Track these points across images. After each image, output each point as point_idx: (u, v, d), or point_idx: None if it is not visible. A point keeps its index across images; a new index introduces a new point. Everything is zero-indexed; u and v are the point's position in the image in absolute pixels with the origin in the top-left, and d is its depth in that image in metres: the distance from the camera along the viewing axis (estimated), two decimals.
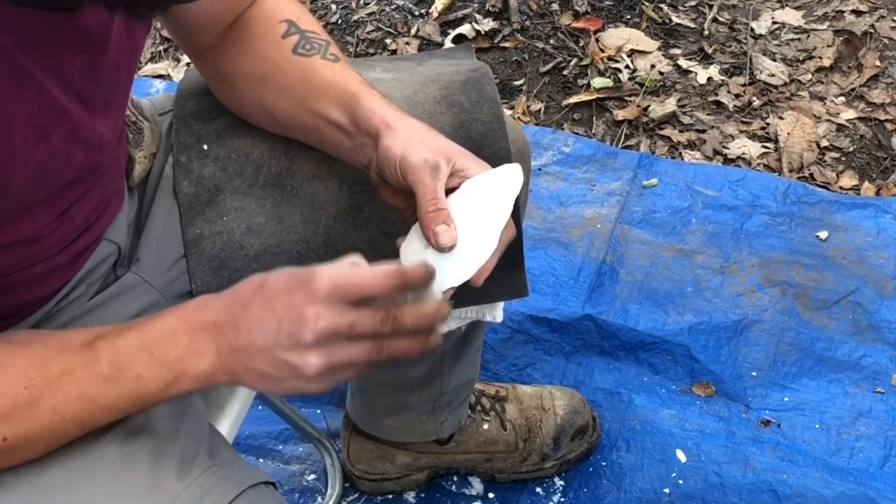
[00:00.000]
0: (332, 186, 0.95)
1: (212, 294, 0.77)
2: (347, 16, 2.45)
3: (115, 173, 0.91)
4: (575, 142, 2.03)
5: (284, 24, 0.95)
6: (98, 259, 0.92)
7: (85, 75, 0.75)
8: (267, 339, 0.72)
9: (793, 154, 2.03)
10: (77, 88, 0.74)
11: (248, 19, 0.95)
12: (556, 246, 1.79)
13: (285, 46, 0.94)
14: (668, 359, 1.62)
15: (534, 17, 2.40)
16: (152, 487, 0.76)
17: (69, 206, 0.82)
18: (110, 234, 0.93)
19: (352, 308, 0.72)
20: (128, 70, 0.84)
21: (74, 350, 0.75)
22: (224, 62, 0.96)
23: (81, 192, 0.84)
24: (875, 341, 1.63)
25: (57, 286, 0.88)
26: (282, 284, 0.73)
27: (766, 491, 1.43)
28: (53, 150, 0.74)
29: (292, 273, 0.73)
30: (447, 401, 1.32)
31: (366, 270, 0.73)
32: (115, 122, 0.85)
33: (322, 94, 0.90)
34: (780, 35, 2.33)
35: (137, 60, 0.87)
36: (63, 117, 0.74)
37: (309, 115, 0.91)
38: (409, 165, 0.81)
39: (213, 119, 1.00)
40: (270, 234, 0.94)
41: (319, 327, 0.71)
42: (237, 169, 0.97)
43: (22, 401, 0.73)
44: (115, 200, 0.93)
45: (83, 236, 0.88)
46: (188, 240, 0.95)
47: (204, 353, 0.74)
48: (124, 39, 0.80)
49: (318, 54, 0.93)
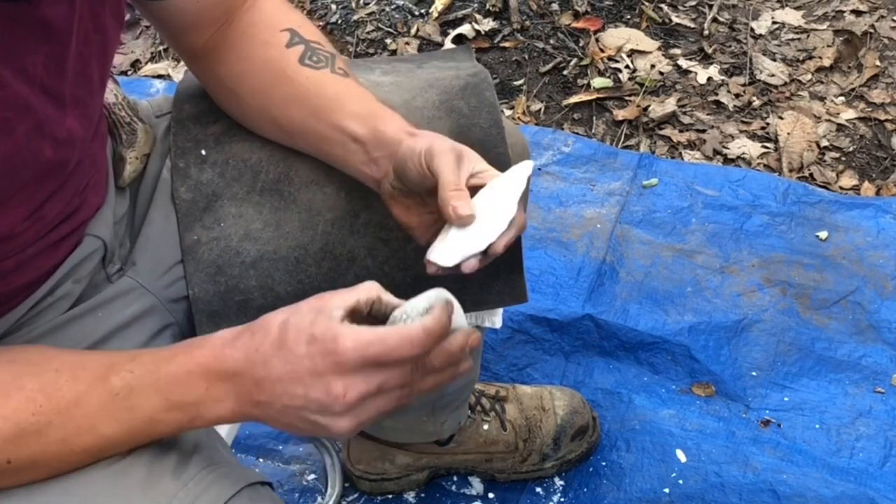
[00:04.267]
0: (330, 192, 0.95)
1: (226, 336, 0.76)
2: (347, 16, 2.45)
3: (89, 169, 0.89)
4: (575, 142, 2.03)
5: (287, 32, 0.95)
6: (82, 255, 0.91)
7: (49, 69, 0.73)
8: (294, 402, 0.72)
9: (793, 154, 2.03)
10: (40, 81, 0.73)
11: (246, 26, 0.95)
12: (556, 246, 1.79)
13: (291, 56, 0.93)
14: (668, 359, 1.62)
15: (534, 17, 2.40)
16: (148, 487, 0.76)
17: (41, 203, 0.81)
18: (93, 230, 0.92)
19: (379, 369, 0.71)
20: (100, 64, 0.83)
21: (87, 381, 0.74)
22: (224, 69, 0.95)
23: (53, 188, 0.82)
24: (875, 341, 1.63)
25: (34, 276, 0.86)
26: (303, 349, 0.71)
27: (766, 491, 1.43)
28: (18, 144, 0.72)
29: (313, 335, 0.71)
30: (447, 402, 1.32)
31: (392, 337, 0.71)
32: (89, 118, 0.84)
33: (337, 108, 0.91)
34: (780, 35, 2.33)
35: (111, 55, 0.86)
36: (27, 111, 0.72)
37: (321, 126, 0.91)
38: (434, 150, 0.82)
39: (211, 123, 0.99)
40: (268, 241, 0.94)
41: (349, 399, 0.70)
42: (235, 175, 0.96)
43: (29, 427, 0.72)
44: (93, 194, 0.92)
45: (57, 229, 0.86)
46: (185, 246, 0.95)
47: (223, 400, 0.74)
48: (91, 33, 0.78)
49: (326, 67, 0.94)
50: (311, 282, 0.94)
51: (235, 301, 0.93)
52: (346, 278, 0.95)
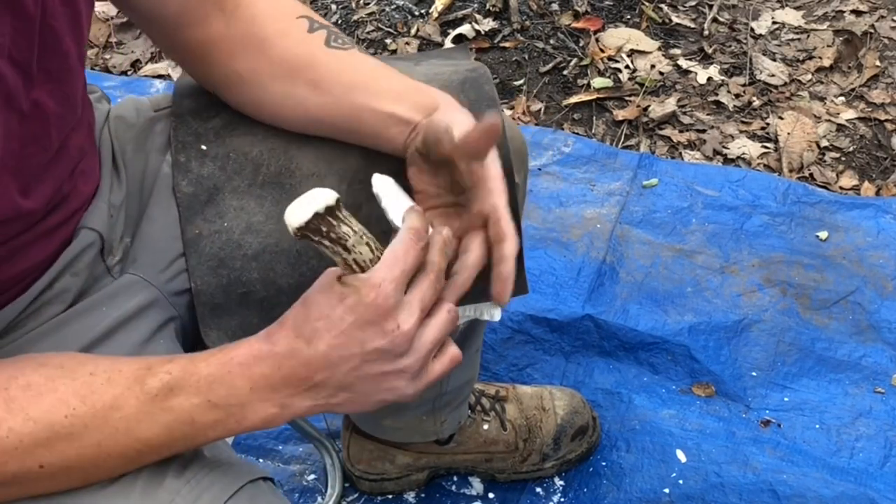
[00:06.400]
0: (331, 184, 0.95)
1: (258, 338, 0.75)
2: (347, 16, 2.45)
3: (74, 154, 0.88)
4: (575, 142, 2.03)
5: (304, 20, 0.94)
6: (78, 248, 0.90)
7: (16, 40, 0.72)
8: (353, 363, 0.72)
9: (793, 154, 2.03)
10: (8, 52, 0.72)
11: (255, 17, 0.94)
12: (556, 246, 1.78)
13: (316, 40, 0.93)
14: (668, 359, 1.62)
15: (534, 17, 2.40)
16: (150, 485, 0.76)
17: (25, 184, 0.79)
18: (88, 222, 0.91)
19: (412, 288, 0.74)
20: (75, 39, 0.81)
21: (123, 384, 0.73)
22: (240, 64, 0.94)
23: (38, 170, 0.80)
24: (875, 341, 1.63)
25: (28, 265, 0.85)
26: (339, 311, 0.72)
27: (766, 491, 1.43)
28: None
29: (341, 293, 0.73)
30: (447, 401, 1.32)
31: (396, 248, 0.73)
32: (66, 95, 0.82)
33: (376, 84, 0.91)
34: (780, 35, 2.33)
35: (85, 30, 0.84)
36: None
37: (359, 102, 0.91)
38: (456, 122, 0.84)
39: (211, 117, 0.99)
40: (270, 233, 0.94)
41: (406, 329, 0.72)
42: (236, 168, 0.96)
43: (62, 430, 0.71)
44: (83, 182, 0.91)
45: (47, 219, 0.85)
46: (187, 239, 0.95)
47: (269, 399, 0.73)
48: (59, 5, 0.77)
49: (353, 48, 0.94)
50: (313, 274, 0.93)
51: (237, 293, 0.93)
52: None
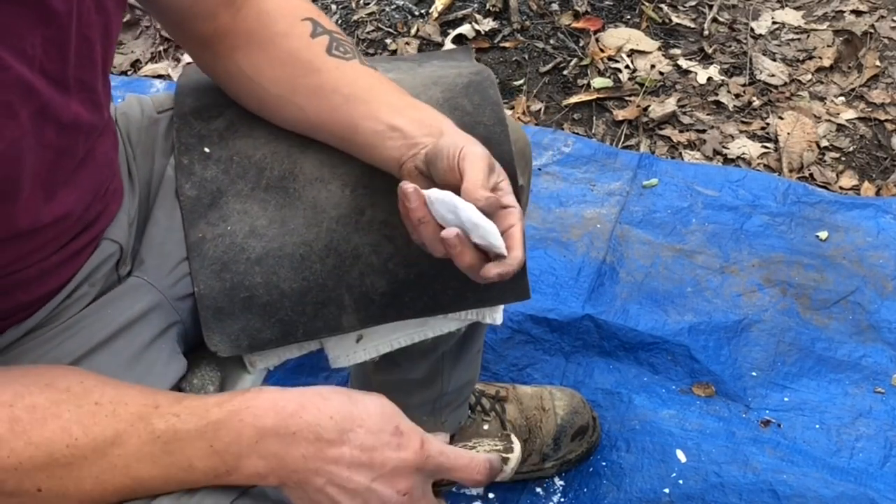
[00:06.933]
0: (335, 189, 0.95)
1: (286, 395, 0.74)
2: (347, 16, 2.45)
3: (104, 166, 0.88)
4: (575, 142, 2.03)
5: (308, 22, 0.94)
6: (100, 259, 0.91)
7: (48, 51, 0.72)
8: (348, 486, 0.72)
9: (793, 154, 2.03)
10: (40, 64, 0.72)
11: (259, 14, 0.94)
12: (556, 246, 1.79)
13: (317, 46, 0.93)
14: (668, 359, 1.62)
15: (534, 17, 2.40)
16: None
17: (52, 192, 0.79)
18: (111, 234, 0.92)
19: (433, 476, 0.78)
20: (104, 48, 0.81)
21: (127, 420, 0.72)
22: (244, 59, 0.94)
23: (64, 177, 0.81)
24: (875, 341, 1.63)
25: (56, 286, 0.87)
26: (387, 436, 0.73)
27: (766, 491, 1.43)
28: (23, 128, 0.71)
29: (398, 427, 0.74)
30: (447, 401, 1.32)
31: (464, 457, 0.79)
32: (96, 104, 0.82)
33: (373, 98, 0.91)
34: (780, 35, 2.33)
35: (114, 37, 0.84)
36: (30, 94, 0.71)
37: (354, 115, 0.91)
38: (470, 154, 0.82)
39: (214, 118, 0.99)
40: (273, 237, 0.94)
41: (406, 499, 0.74)
42: (239, 172, 0.96)
43: (61, 458, 0.70)
44: (114, 200, 0.92)
45: (80, 237, 0.86)
46: (190, 242, 0.95)
47: (266, 458, 0.72)
48: (93, 14, 0.77)
49: (354, 58, 0.94)
50: (316, 279, 0.94)
51: (240, 298, 0.93)
52: (350, 275, 0.95)
